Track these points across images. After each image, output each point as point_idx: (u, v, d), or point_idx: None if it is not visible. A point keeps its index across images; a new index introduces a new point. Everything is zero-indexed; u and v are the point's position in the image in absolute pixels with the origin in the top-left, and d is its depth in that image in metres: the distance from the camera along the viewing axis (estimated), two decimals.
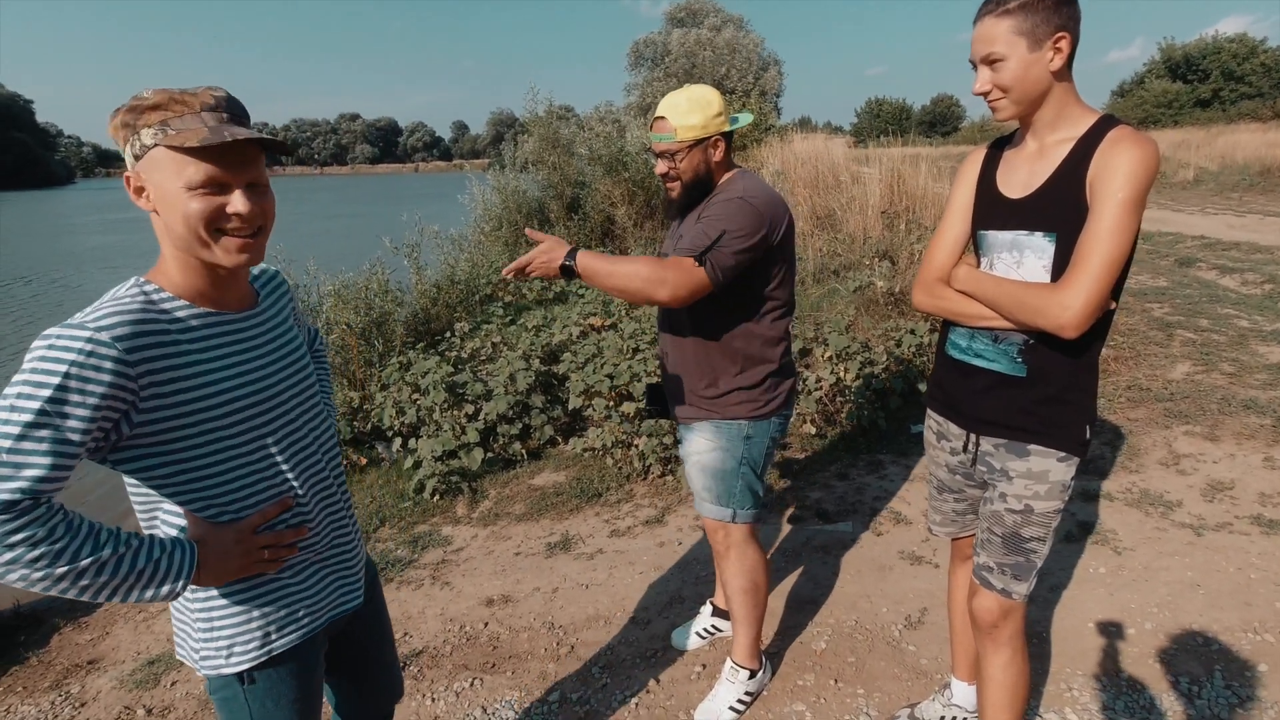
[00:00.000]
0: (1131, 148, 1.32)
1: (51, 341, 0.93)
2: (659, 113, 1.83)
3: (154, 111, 0.99)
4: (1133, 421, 3.94)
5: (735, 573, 2.06)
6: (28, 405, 0.89)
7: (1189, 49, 34.99)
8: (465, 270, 7.52)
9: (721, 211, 1.77)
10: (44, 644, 2.85)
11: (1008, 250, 1.50)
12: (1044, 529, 1.58)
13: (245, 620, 1.14)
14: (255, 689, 1.17)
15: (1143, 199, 1.32)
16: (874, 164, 8.48)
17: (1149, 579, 2.66)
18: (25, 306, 11.72)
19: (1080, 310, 1.33)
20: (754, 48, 27.19)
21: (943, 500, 1.85)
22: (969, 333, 1.58)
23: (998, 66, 1.39)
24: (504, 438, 4.11)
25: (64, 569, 0.91)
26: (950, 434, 1.71)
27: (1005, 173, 1.54)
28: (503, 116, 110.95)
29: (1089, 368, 1.51)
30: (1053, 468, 1.53)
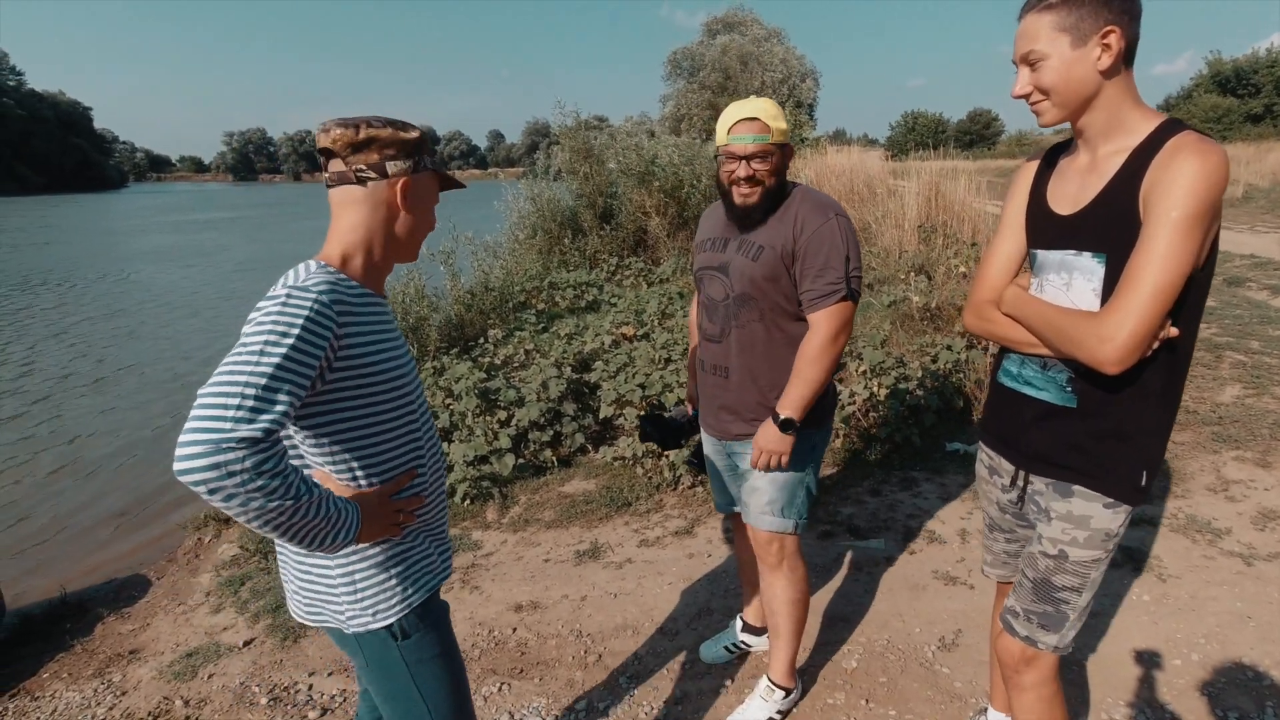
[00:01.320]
0: (1192, 158, 1.16)
1: (285, 300, 1.07)
2: (748, 114, 1.79)
3: (424, 142, 1.27)
4: (1179, 445, 3.82)
5: (786, 585, 2.04)
6: (275, 350, 1.02)
7: (1239, 63, 34.06)
8: (499, 277, 7.61)
9: (833, 236, 1.80)
10: (88, 633, 2.94)
11: (1056, 271, 1.38)
12: (1079, 579, 1.43)
13: (385, 578, 1.26)
14: (409, 643, 1.29)
15: (1204, 217, 1.16)
16: (911, 177, 8.39)
17: (1196, 608, 2.57)
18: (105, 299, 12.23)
19: (1122, 344, 1.19)
20: (793, 60, 27.16)
21: (994, 539, 1.73)
22: (1019, 359, 1.47)
23: (1039, 66, 1.27)
24: (535, 444, 4.14)
25: (290, 502, 1.01)
26: (1001, 469, 1.59)
27: (1057, 185, 1.42)
28: (538, 126, 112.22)
29: (1153, 400, 1.33)
30: (1096, 513, 1.38)
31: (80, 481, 5.02)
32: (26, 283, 14.05)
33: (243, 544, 3.51)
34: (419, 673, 1.32)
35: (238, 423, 0.96)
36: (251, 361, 1.01)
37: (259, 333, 1.03)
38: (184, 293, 12.99)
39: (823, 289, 1.80)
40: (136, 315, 10.95)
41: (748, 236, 1.90)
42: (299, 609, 1.32)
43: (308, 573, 1.27)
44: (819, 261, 1.80)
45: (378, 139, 1.20)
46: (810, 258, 1.80)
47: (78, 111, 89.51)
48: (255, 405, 0.98)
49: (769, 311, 1.88)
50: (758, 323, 1.89)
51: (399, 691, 1.32)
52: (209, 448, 0.94)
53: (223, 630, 2.84)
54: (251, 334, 1.04)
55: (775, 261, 1.84)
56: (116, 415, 6.37)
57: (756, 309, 1.89)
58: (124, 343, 9.08)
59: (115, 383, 7.37)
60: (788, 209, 1.86)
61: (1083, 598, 1.45)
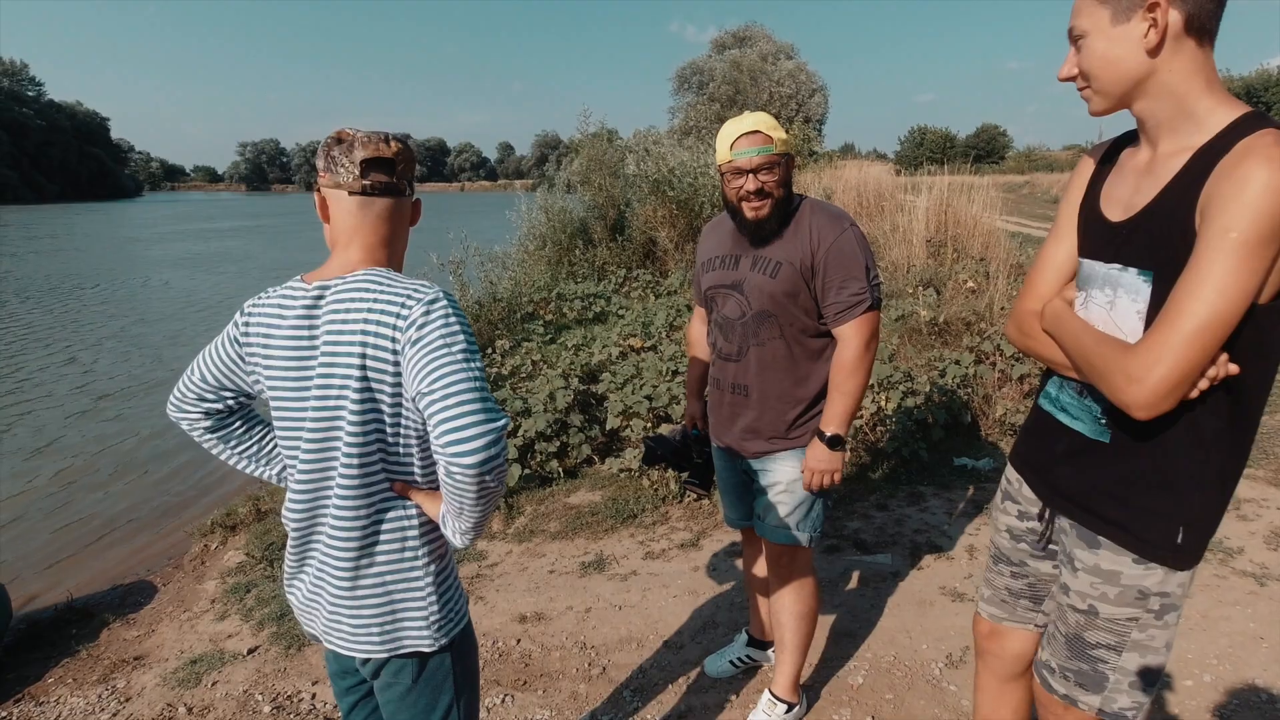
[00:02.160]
0: (1262, 166, 0.95)
1: (452, 301, 1.16)
2: (748, 128, 1.79)
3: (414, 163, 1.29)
4: None
5: (795, 597, 2.04)
6: (473, 347, 1.12)
7: (1249, 80, 34.02)
8: (508, 288, 7.64)
9: (851, 247, 1.81)
10: (94, 638, 2.95)
11: (1100, 287, 1.19)
12: (1116, 637, 1.23)
13: (454, 581, 1.32)
14: (461, 653, 1.32)
15: (1270, 240, 0.95)
16: (921, 192, 8.40)
17: (1208, 628, 2.54)
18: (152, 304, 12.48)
19: (1152, 389, 1.01)
20: (803, 76, 27.31)
21: (997, 573, 1.52)
22: (1059, 381, 1.31)
23: (1081, 45, 1.11)
24: (541, 455, 4.14)
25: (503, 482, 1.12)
26: (1022, 497, 1.43)
27: (1113, 185, 1.22)
28: (548, 138, 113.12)
29: (1204, 446, 1.11)
30: (1125, 569, 1.19)
31: (90, 488, 5.05)
32: (74, 286, 14.21)
33: (249, 551, 3.52)
34: (463, 685, 1.33)
35: (495, 414, 1.07)
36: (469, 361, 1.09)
37: (453, 338, 1.10)
38: (225, 296, 13.21)
39: (848, 300, 1.80)
40: (182, 319, 11.20)
41: (761, 252, 1.88)
42: (372, 641, 1.24)
43: (389, 595, 1.23)
44: (841, 274, 1.80)
45: (413, 157, 1.27)
46: (832, 271, 1.80)
47: (95, 121, 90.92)
48: (491, 400, 1.08)
49: (789, 327, 1.87)
50: (779, 339, 1.88)
51: (439, 705, 1.30)
52: (494, 436, 1.04)
53: (227, 638, 2.84)
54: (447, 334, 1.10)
55: (795, 277, 1.82)
56: (125, 422, 6.41)
57: (776, 325, 1.87)
58: (166, 348, 9.17)
59: (133, 388, 7.42)
60: (800, 223, 1.85)
61: (1124, 659, 1.24)
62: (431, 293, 1.14)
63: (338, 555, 1.21)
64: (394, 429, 1.17)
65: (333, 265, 1.22)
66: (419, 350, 1.08)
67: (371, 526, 1.20)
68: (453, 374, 1.06)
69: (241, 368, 1.28)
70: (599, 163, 9.59)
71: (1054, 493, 1.33)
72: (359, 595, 1.22)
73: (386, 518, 1.21)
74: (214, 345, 1.30)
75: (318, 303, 1.17)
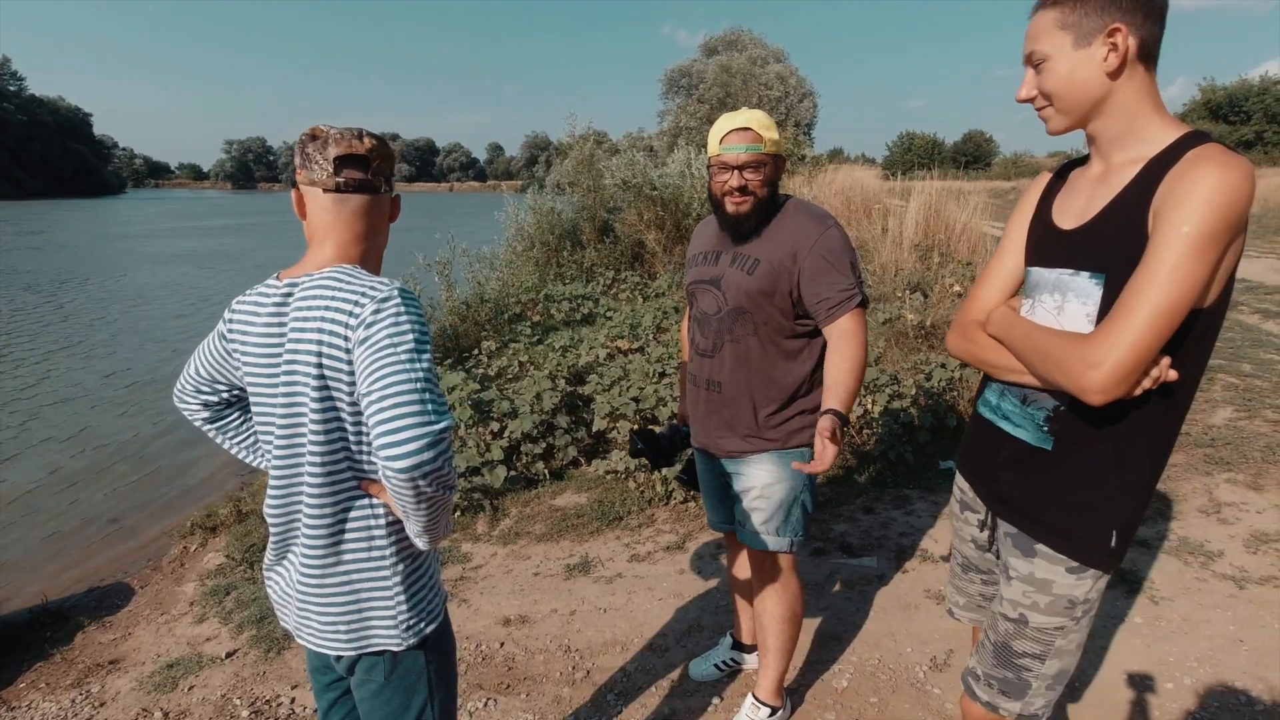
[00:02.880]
0: (1212, 170, 1.02)
1: (407, 299, 1.12)
2: (740, 124, 1.77)
3: (392, 161, 1.26)
4: (1172, 466, 3.82)
5: (778, 601, 2.02)
6: (428, 349, 1.10)
7: (1231, 90, 34.53)
8: (495, 289, 7.60)
9: (836, 245, 1.79)
10: (68, 642, 2.90)
11: (1049, 291, 1.24)
12: (1041, 646, 1.30)
13: (429, 578, 1.30)
14: (436, 651, 1.31)
15: (1219, 237, 1.02)
16: (910, 196, 8.45)
17: (1188, 631, 2.56)
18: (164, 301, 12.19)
19: (1109, 372, 1.05)
20: (792, 80, 27.42)
21: (967, 580, 1.58)
22: (1000, 389, 1.34)
23: (1042, 68, 1.17)
24: (527, 456, 4.11)
25: (454, 489, 1.11)
26: (975, 505, 1.47)
27: (1065, 199, 1.29)
28: (537, 140, 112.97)
29: (1137, 452, 1.18)
30: (1058, 578, 1.25)
31: (69, 489, 4.96)
32: (80, 282, 14.00)
33: (229, 553, 3.47)
34: (438, 684, 1.31)
35: (437, 415, 1.03)
36: (415, 361, 1.06)
37: (402, 334, 1.07)
38: (231, 294, 13.13)
39: (839, 296, 1.78)
40: (196, 317, 11.14)
41: (741, 249, 1.87)
42: (339, 639, 1.24)
43: (355, 593, 1.22)
44: (828, 272, 1.78)
45: (390, 154, 1.25)
46: (819, 269, 1.78)
47: (78, 117, 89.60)
48: (435, 399, 1.05)
49: (763, 326, 1.85)
50: (752, 337, 1.86)
51: (412, 705, 1.29)
52: (430, 440, 1.01)
53: (205, 641, 2.80)
54: (395, 334, 1.07)
55: (772, 275, 1.81)
56: (119, 420, 6.32)
57: (751, 323, 1.86)
58: (154, 345, 9.04)
59: (126, 387, 7.32)
60: (783, 222, 1.84)
61: (1046, 666, 1.31)
62: (385, 290, 1.11)
63: (308, 550, 1.21)
64: (356, 428, 1.16)
65: (306, 262, 1.21)
66: (365, 350, 1.07)
67: (338, 524, 1.19)
68: (393, 374, 1.03)
69: (229, 363, 1.29)
70: (587, 165, 9.58)
71: (997, 499, 1.37)
72: (326, 591, 1.22)
73: (351, 516, 1.19)
74: (207, 341, 1.32)
75: (286, 300, 1.17)
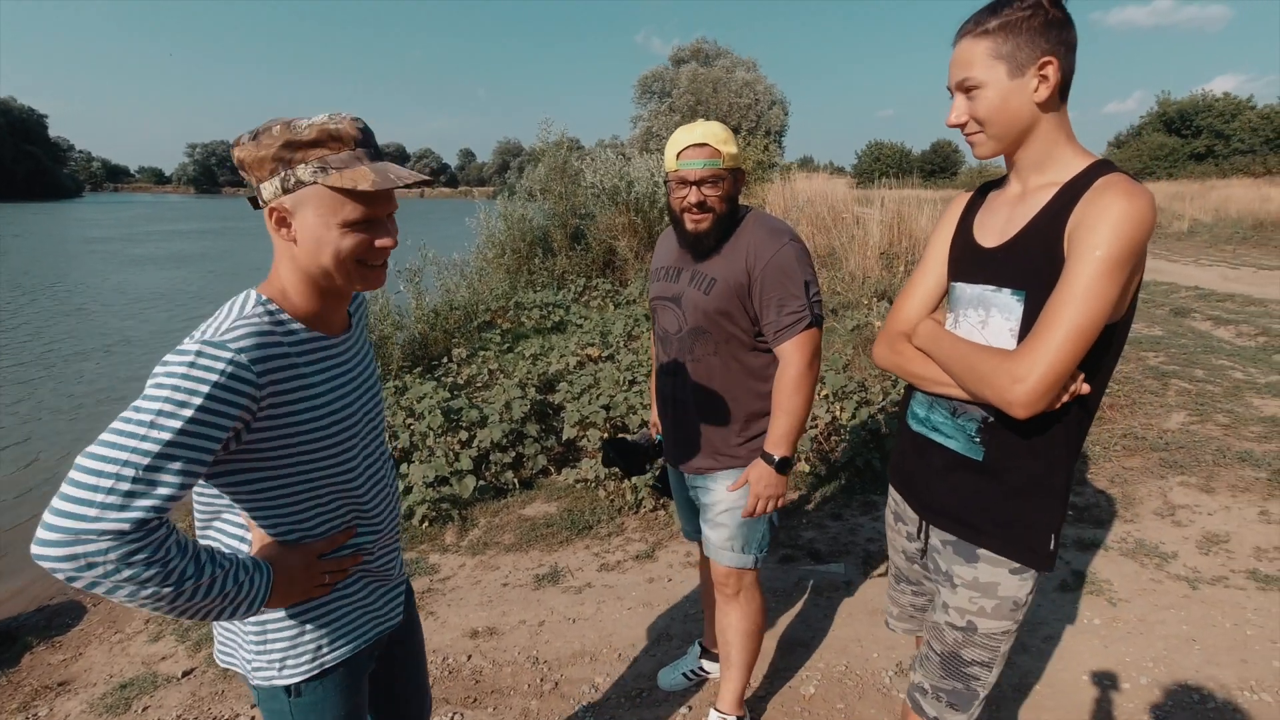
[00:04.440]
0: (1120, 199, 1.10)
1: (193, 359, 0.92)
2: (697, 139, 1.73)
3: (313, 149, 1.00)
4: (1128, 470, 3.92)
5: (741, 616, 1.99)
6: (168, 424, 0.89)
7: (1183, 105, 35.74)
8: (465, 296, 7.54)
9: (789, 263, 1.75)
10: (14, 663, 2.79)
11: (973, 307, 1.29)
12: (990, 653, 1.34)
13: (298, 634, 1.14)
14: (301, 701, 1.17)
15: (1127, 260, 1.09)
16: (875, 205, 8.59)
17: (1144, 632, 2.62)
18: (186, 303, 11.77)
19: (1033, 386, 1.11)
20: (762, 89, 27.72)
21: (900, 591, 1.61)
22: (928, 401, 1.38)
23: (974, 95, 1.20)
24: (497, 466, 4.08)
25: (169, 589, 0.90)
26: (907, 516, 1.50)
27: (984, 218, 1.35)
28: (509, 146, 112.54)
29: (1063, 461, 1.25)
30: (1003, 580, 1.30)
31: (18, 498, 4.78)
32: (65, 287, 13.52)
33: None
34: None
35: (105, 509, 0.84)
36: (138, 435, 0.87)
37: (155, 398, 0.90)
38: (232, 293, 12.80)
39: (787, 319, 1.75)
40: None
41: (700, 267, 1.84)
42: (216, 647, 1.23)
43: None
44: (779, 291, 1.75)
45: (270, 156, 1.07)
46: (769, 288, 1.75)
47: (32, 119, 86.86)
48: (130, 490, 0.85)
49: (724, 344, 1.83)
50: (713, 356, 1.84)
51: None
52: (66, 536, 0.83)
53: (161, 660, 2.71)
54: (147, 396, 0.90)
55: (728, 294, 1.78)
56: (70, 425, 6.11)
57: (711, 342, 1.84)
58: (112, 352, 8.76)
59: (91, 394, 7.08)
60: (739, 238, 1.80)
61: (992, 673, 1.35)
62: (190, 341, 0.95)
63: None
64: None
65: None
66: None
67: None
68: (99, 439, 0.88)
69: None
70: (559, 171, 9.57)
71: (932, 509, 1.40)
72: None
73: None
74: None
75: None
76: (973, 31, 1.19)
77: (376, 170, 1.01)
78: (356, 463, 1.15)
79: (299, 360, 1.05)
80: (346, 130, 1.02)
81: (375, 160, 1.04)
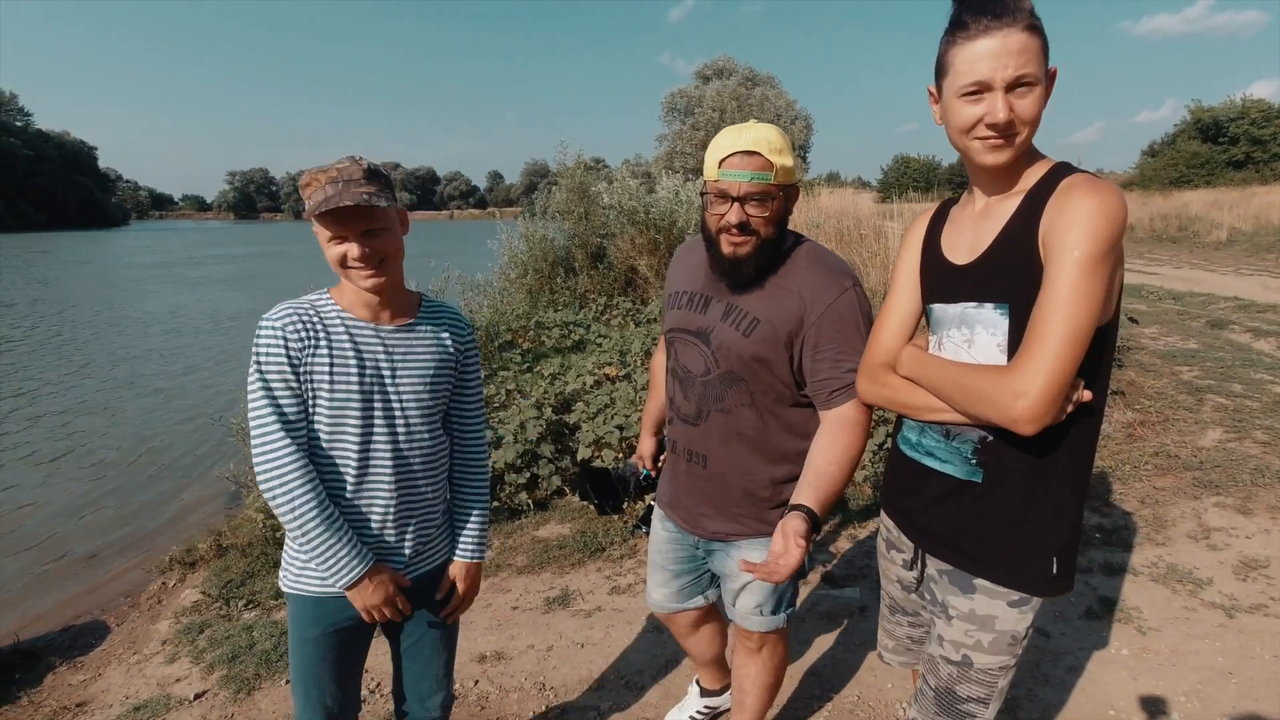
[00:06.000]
0: (1087, 196, 1.06)
1: (257, 328, 1.38)
2: (746, 145, 1.43)
3: (305, 188, 1.36)
4: (1160, 490, 3.78)
5: (763, 670, 1.84)
6: (255, 365, 1.37)
7: (1217, 112, 34.84)
8: (486, 316, 7.61)
9: (852, 313, 1.49)
10: (37, 683, 2.84)
11: (956, 327, 1.24)
12: (986, 689, 1.28)
13: (289, 558, 1.52)
14: (290, 609, 1.54)
15: (1106, 256, 1.05)
16: (898, 219, 8.50)
17: (1176, 663, 2.50)
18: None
19: (1037, 398, 1.05)
20: (784, 104, 27.75)
21: (895, 623, 1.55)
22: (920, 426, 1.32)
23: (1025, 93, 1.09)
24: (511, 487, 4.08)
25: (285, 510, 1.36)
26: (901, 544, 1.43)
27: (951, 235, 1.30)
28: (536, 167, 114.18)
29: (1067, 478, 1.19)
30: (1001, 613, 1.23)
31: (54, 520, 4.92)
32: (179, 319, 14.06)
33: (205, 590, 3.42)
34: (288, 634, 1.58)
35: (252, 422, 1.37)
36: (251, 375, 1.38)
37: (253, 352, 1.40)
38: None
39: (847, 379, 1.48)
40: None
41: (737, 300, 1.56)
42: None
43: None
44: (837, 344, 1.48)
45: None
46: (826, 340, 1.49)
47: (83, 151, 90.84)
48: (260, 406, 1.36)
49: (762, 395, 1.56)
50: (748, 408, 1.57)
51: None
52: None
53: (175, 681, 2.74)
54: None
55: (774, 340, 1.51)
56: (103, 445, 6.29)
57: (746, 392, 1.56)
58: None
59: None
60: (791, 272, 1.53)
61: (989, 710, 1.30)
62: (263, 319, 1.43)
63: None
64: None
65: None
66: None
67: None
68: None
69: None
70: (580, 193, 9.66)
71: (927, 537, 1.34)
72: None
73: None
74: None
75: None
76: (1021, 21, 1.07)
77: (327, 197, 1.31)
78: (351, 431, 1.42)
79: (327, 329, 1.41)
80: (326, 171, 1.35)
81: (340, 191, 1.32)
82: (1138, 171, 33.91)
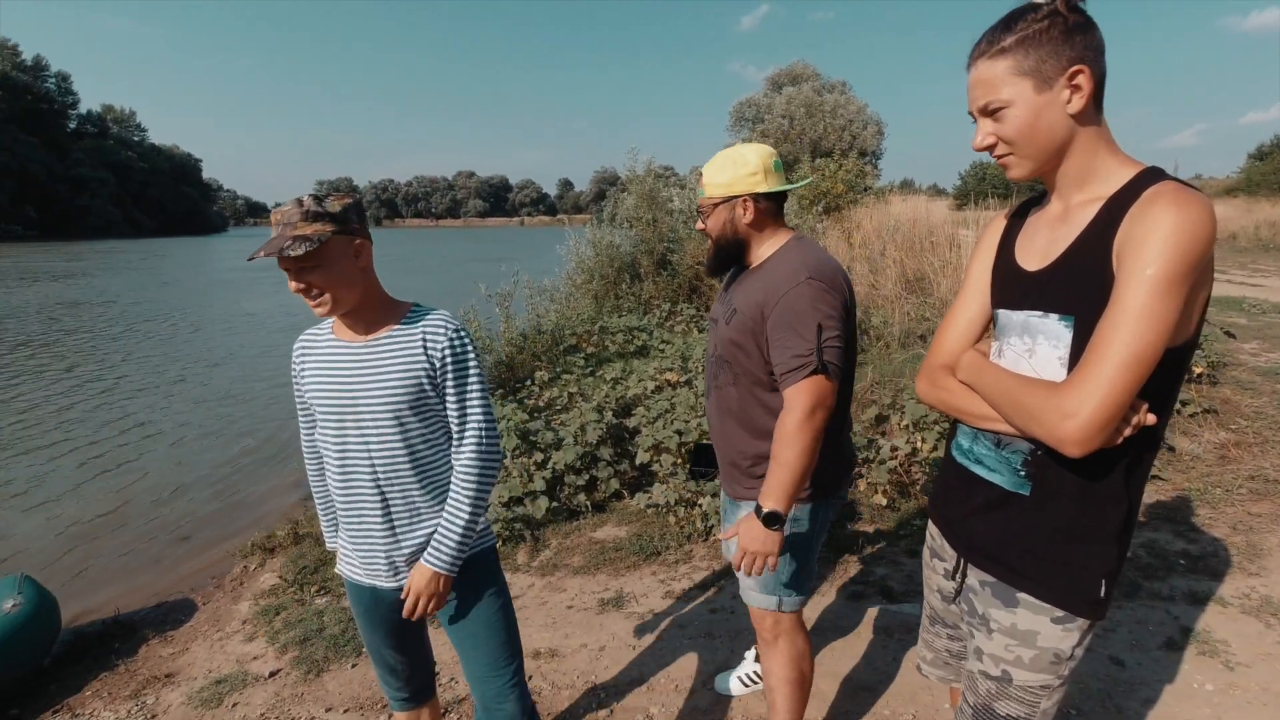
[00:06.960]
0: (1169, 209, 0.99)
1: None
2: (704, 169, 1.80)
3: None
4: (1255, 517, 3.52)
5: (782, 663, 1.90)
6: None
7: None
8: (553, 321, 7.77)
9: (801, 304, 1.61)
10: (133, 654, 3.08)
11: (1018, 335, 1.20)
12: (1027, 708, 1.22)
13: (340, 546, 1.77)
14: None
15: (1185, 277, 0.98)
16: (973, 227, 8.20)
17: (1267, 703, 2.33)
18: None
19: (1086, 422, 1.00)
20: (855, 110, 27.20)
21: (934, 634, 1.51)
22: (973, 433, 1.28)
23: (1000, 116, 1.12)
24: (570, 488, 4.15)
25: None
26: (944, 553, 1.40)
27: (1026, 240, 1.26)
28: (606, 174, 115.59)
29: (1118, 499, 1.14)
30: (1044, 629, 1.19)
31: (151, 505, 5.31)
32: None
33: (282, 574, 3.63)
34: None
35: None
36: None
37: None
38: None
39: (790, 362, 1.61)
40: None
41: (733, 292, 1.82)
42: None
43: None
44: (784, 333, 1.62)
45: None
46: (776, 328, 1.64)
47: (190, 163, 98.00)
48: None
49: (743, 376, 1.77)
50: (732, 386, 1.80)
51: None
52: None
53: (253, 659, 2.93)
54: None
55: (743, 328, 1.72)
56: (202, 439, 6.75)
57: (731, 373, 1.79)
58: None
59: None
60: (768, 269, 1.74)
61: None
62: None
63: None
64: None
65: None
66: None
67: None
68: None
69: None
70: (649, 201, 9.74)
71: (970, 547, 1.30)
72: None
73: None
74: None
75: None
76: (988, 52, 1.11)
77: (260, 247, 1.44)
78: (330, 439, 1.61)
79: (317, 349, 1.63)
80: (273, 216, 1.49)
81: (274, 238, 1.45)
82: (1244, 176, 31.49)
